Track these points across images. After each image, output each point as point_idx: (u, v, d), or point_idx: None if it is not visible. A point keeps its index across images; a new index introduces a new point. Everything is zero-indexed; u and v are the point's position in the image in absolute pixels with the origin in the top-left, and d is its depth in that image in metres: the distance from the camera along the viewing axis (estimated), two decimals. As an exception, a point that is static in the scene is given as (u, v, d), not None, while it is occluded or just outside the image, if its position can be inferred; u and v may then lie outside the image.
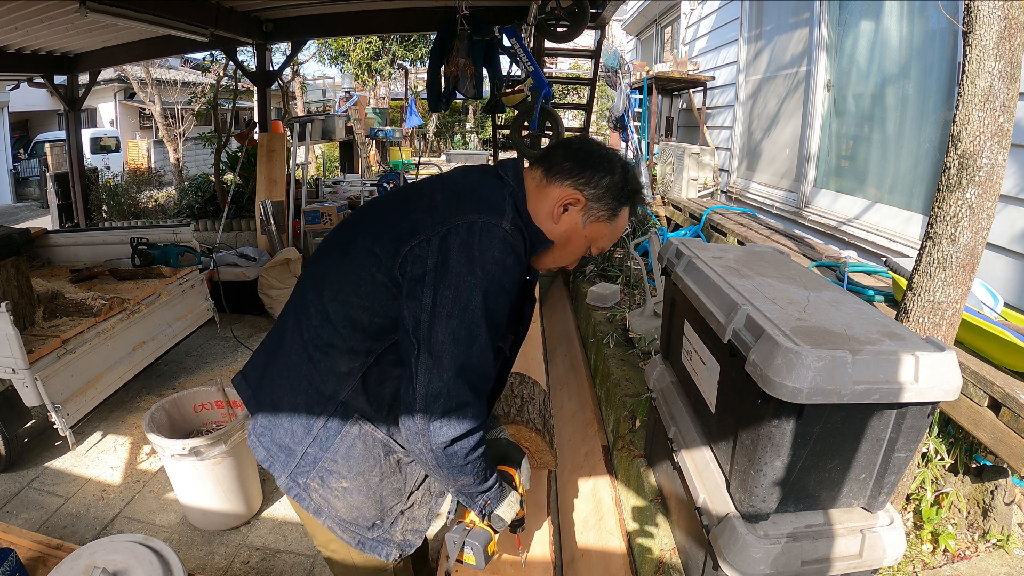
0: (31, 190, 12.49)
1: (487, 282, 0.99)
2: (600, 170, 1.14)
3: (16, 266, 2.94)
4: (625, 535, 1.83)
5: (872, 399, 1.02)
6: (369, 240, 1.10)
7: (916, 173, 2.89)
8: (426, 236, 1.03)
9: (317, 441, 1.13)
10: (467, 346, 0.98)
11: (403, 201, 1.14)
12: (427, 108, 12.35)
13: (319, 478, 1.14)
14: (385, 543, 1.19)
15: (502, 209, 1.06)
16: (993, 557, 1.58)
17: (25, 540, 1.56)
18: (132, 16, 3.93)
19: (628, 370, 2.67)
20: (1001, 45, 1.28)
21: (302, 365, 1.13)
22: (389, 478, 1.16)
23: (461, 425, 0.98)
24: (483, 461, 1.06)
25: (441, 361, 0.97)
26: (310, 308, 1.14)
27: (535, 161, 1.20)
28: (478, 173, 1.18)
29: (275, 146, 5.83)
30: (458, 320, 0.98)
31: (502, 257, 1.01)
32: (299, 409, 1.13)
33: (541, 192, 1.15)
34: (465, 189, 1.11)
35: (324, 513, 1.16)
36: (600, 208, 1.14)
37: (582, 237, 1.17)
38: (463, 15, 4.53)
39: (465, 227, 1.01)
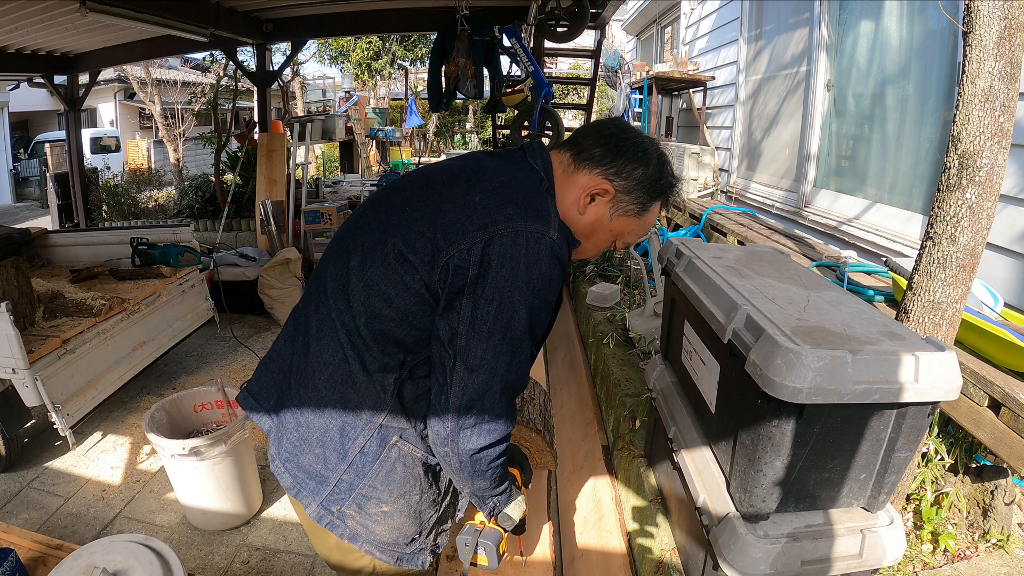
0: (31, 190, 12.50)
1: (532, 297, 0.93)
2: (633, 160, 1.04)
3: (16, 266, 2.94)
4: (625, 535, 1.83)
5: (872, 399, 1.02)
6: (400, 242, 0.99)
7: (916, 173, 2.89)
8: (466, 244, 0.93)
9: (353, 467, 1.06)
10: (507, 361, 0.94)
11: (432, 194, 1.02)
12: (427, 108, 12.36)
13: (356, 505, 1.08)
14: (421, 552, 1.17)
15: (548, 215, 0.97)
16: (993, 557, 1.58)
17: (25, 540, 1.56)
18: (132, 16, 3.93)
19: (628, 370, 2.67)
20: (1001, 45, 1.28)
21: (333, 387, 1.04)
22: (428, 492, 1.12)
23: (491, 435, 0.96)
24: (503, 467, 1.05)
25: (478, 375, 0.93)
26: (335, 323, 1.04)
27: (564, 143, 1.11)
28: (512, 165, 1.07)
29: (275, 146, 5.83)
30: (500, 336, 0.93)
31: (549, 271, 0.94)
32: (331, 434, 1.05)
33: (568, 178, 1.06)
34: (505, 188, 1.00)
35: (361, 538, 1.11)
36: (630, 201, 1.06)
37: (607, 230, 1.09)
38: (463, 15, 4.53)
39: (510, 237, 0.93)
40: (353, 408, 1.04)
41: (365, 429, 1.04)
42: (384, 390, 1.02)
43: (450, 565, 1.44)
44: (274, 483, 2.78)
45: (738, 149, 5.00)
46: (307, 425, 1.08)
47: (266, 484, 2.72)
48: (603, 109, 12.83)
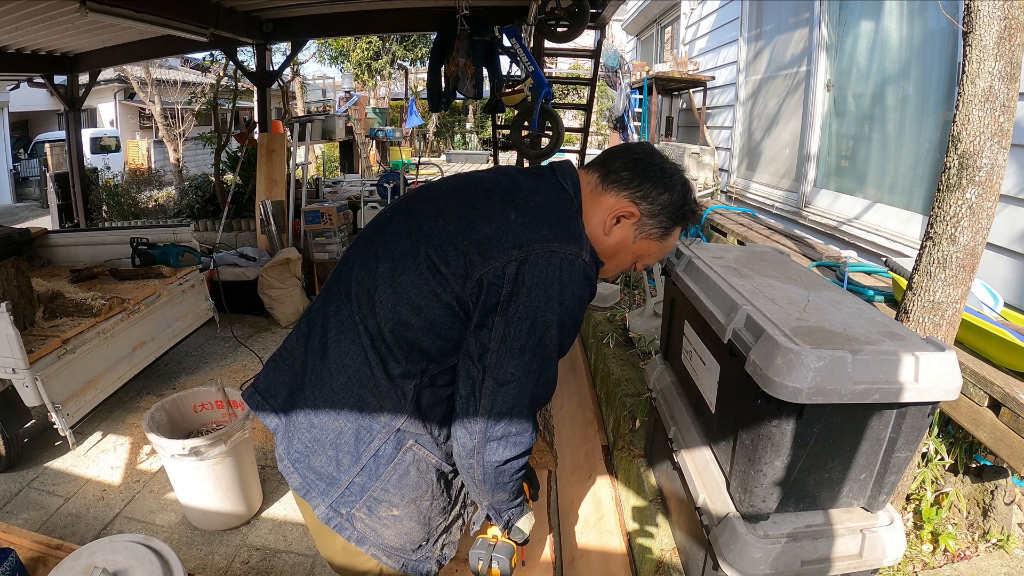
0: (31, 190, 12.49)
1: (564, 317, 0.96)
2: (660, 185, 1.07)
3: (16, 266, 2.94)
4: (625, 535, 1.83)
5: (872, 399, 1.02)
6: (432, 251, 0.99)
7: (916, 173, 2.89)
8: (501, 261, 0.95)
9: (366, 470, 1.06)
10: (536, 377, 0.97)
11: (466, 207, 1.03)
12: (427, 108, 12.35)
13: (366, 507, 1.08)
14: (427, 560, 1.17)
15: (581, 237, 1.00)
16: (993, 557, 1.58)
17: (25, 540, 1.56)
18: (132, 16, 3.93)
19: (628, 370, 2.67)
20: (1001, 45, 1.28)
21: (351, 390, 1.05)
22: (439, 499, 1.13)
23: (517, 448, 0.98)
24: (522, 480, 1.06)
25: (507, 390, 0.95)
26: (358, 326, 1.04)
27: (592, 163, 1.14)
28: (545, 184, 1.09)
29: (275, 146, 5.83)
30: (531, 355, 0.95)
31: (580, 292, 0.97)
32: (346, 436, 1.05)
33: (595, 199, 1.09)
34: (540, 207, 1.02)
35: (368, 541, 1.10)
36: (654, 225, 1.09)
37: (630, 252, 1.12)
38: (463, 15, 4.53)
39: (544, 257, 0.94)
40: (371, 411, 1.04)
41: (382, 432, 1.04)
42: (404, 395, 1.03)
43: (450, 565, 1.44)
44: (274, 483, 2.78)
45: (738, 149, 5.00)
46: (320, 426, 1.07)
47: (266, 484, 2.72)
48: (603, 109, 12.84)
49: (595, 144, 13.26)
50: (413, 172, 6.83)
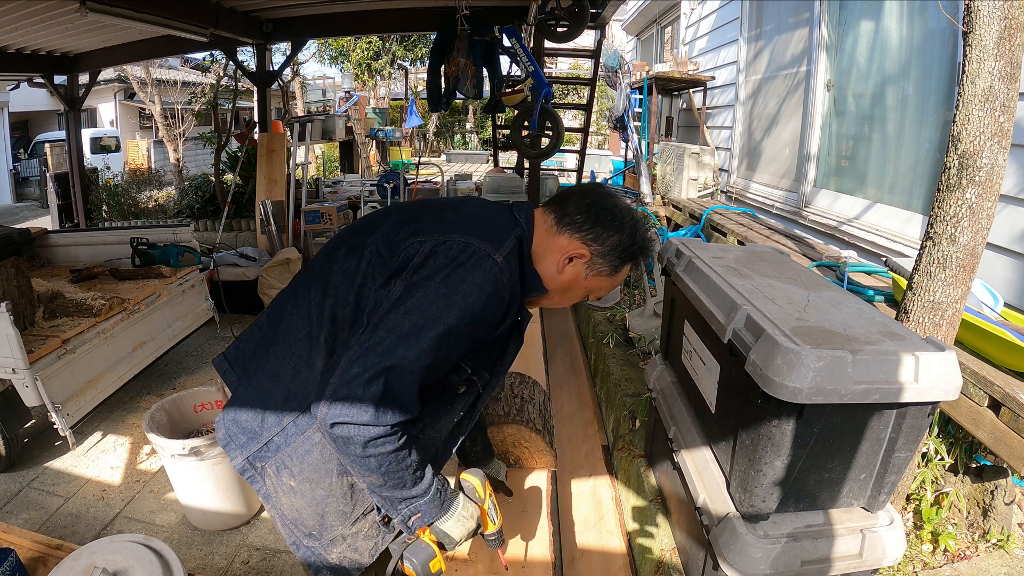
0: (31, 190, 12.48)
1: (459, 300, 0.99)
2: (610, 228, 1.15)
3: (16, 266, 2.94)
4: (625, 535, 1.83)
5: (872, 399, 1.02)
6: (379, 239, 1.12)
7: (916, 173, 2.89)
8: (421, 239, 1.06)
9: (284, 433, 1.12)
10: (406, 347, 0.95)
11: (418, 207, 1.19)
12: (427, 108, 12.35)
13: (274, 468, 1.14)
14: (318, 557, 1.16)
15: (501, 243, 1.08)
16: (993, 557, 1.58)
17: (25, 540, 1.56)
18: (132, 16, 3.92)
19: (628, 370, 2.67)
20: (1001, 45, 1.28)
21: (291, 358, 1.14)
22: (337, 498, 1.13)
23: (360, 414, 0.92)
24: (392, 462, 0.98)
25: (375, 347, 0.95)
26: (312, 303, 1.14)
27: (549, 203, 1.22)
28: (495, 208, 1.21)
29: (275, 146, 5.83)
30: (411, 319, 0.97)
31: (482, 283, 1.02)
32: (276, 398, 1.14)
33: (550, 238, 1.17)
34: (476, 216, 1.14)
35: (271, 501, 1.18)
36: (604, 264, 1.17)
37: (582, 287, 1.20)
38: (463, 15, 4.53)
39: (459, 245, 1.04)
40: (300, 381, 1.12)
41: (302, 402, 1.11)
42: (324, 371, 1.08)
43: (450, 565, 1.44)
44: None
45: (738, 149, 5.00)
46: (258, 386, 1.17)
47: (266, 484, 2.72)
48: (603, 109, 12.84)
49: (595, 144, 13.27)
50: (413, 172, 6.82)
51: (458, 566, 1.43)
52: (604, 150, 12.15)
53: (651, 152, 5.77)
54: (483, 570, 1.42)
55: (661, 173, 5.39)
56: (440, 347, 0.98)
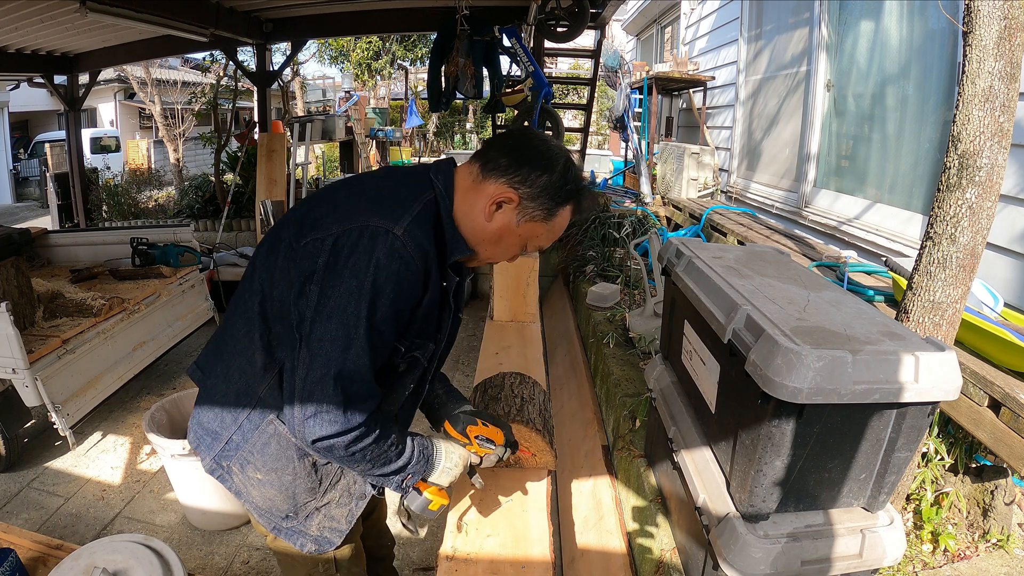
0: (31, 190, 12.49)
1: (370, 287, 0.98)
2: (538, 168, 1.09)
3: (16, 266, 2.94)
4: (625, 535, 1.83)
5: (872, 399, 1.02)
6: (288, 233, 1.11)
7: (916, 173, 2.89)
8: (321, 234, 1.03)
9: (241, 430, 1.15)
10: (342, 349, 0.98)
11: (320, 195, 1.16)
12: (427, 108, 12.35)
13: (239, 464, 1.17)
14: (300, 534, 1.21)
15: (400, 215, 1.04)
16: (993, 557, 1.58)
17: (25, 540, 1.56)
18: (132, 16, 3.93)
19: (628, 370, 2.67)
20: (1001, 45, 1.28)
21: (237, 357, 1.16)
22: (303, 479, 1.17)
23: (333, 426, 0.98)
24: (375, 450, 1.06)
25: (316, 359, 0.98)
26: (246, 300, 1.16)
27: (474, 155, 1.16)
28: (404, 175, 1.16)
29: (275, 146, 5.83)
30: (336, 322, 0.98)
31: (387, 263, 0.99)
32: (229, 398, 1.16)
33: (476, 189, 1.12)
34: (374, 191, 1.11)
35: (243, 496, 1.20)
36: (535, 208, 1.11)
37: (515, 235, 1.14)
38: (463, 15, 4.53)
39: (357, 231, 1.01)
40: (246, 378, 1.14)
41: (250, 398, 1.14)
42: (266, 368, 1.11)
43: (450, 564, 1.44)
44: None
45: (738, 149, 5.00)
46: (214, 388, 1.20)
47: (266, 484, 2.72)
48: (603, 109, 12.83)
49: (595, 144, 13.26)
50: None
51: (458, 566, 1.43)
52: (604, 150, 12.15)
53: (651, 152, 5.77)
54: (483, 570, 1.42)
55: (661, 173, 5.39)
56: (372, 337, 1.00)
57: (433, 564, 2.10)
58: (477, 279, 5.57)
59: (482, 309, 5.26)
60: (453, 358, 4.21)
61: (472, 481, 1.36)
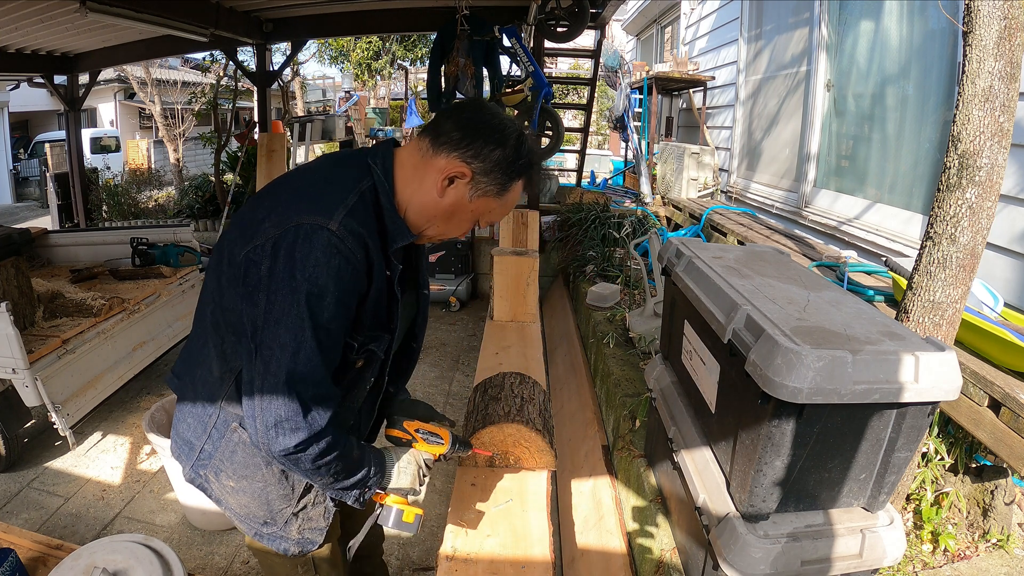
0: (31, 190, 12.48)
1: (309, 286, 0.96)
2: (491, 142, 1.06)
3: (16, 266, 2.94)
4: (625, 535, 1.83)
5: (872, 399, 1.02)
6: (231, 239, 1.09)
7: (916, 173, 2.89)
8: (262, 240, 1.01)
9: (211, 439, 1.15)
10: (292, 352, 0.96)
11: (262, 195, 1.13)
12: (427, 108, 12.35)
13: (213, 473, 1.18)
14: (281, 539, 1.21)
15: (333, 208, 1.00)
16: (993, 557, 1.58)
17: (25, 540, 1.56)
18: (132, 16, 3.92)
19: (628, 370, 2.67)
20: (1001, 45, 1.28)
21: (199, 367, 1.16)
22: (274, 486, 1.16)
23: (295, 435, 0.97)
24: (338, 463, 1.05)
25: (270, 366, 0.96)
26: (202, 311, 1.16)
27: (424, 129, 1.12)
28: (341, 163, 1.13)
29: (275, 146, 5.83)
30: (284, 327, 0.96)
31: (326, 260, 0.97)
32: (197, 407, 1.16)
33: (426, 163, 1.09)
34: (309, 185, 1.08)
35: (223, 504, 1.21)
36: (488, 183, 1.08)
37: (468, 211, 1.12)
38: (463, 15, 4.53)
39: (293, 231, 0.98)
40: (208, 387, 1.14)
41: (214, 409, 1.14)
42: (222, 377, 1.11)
43: (450, 564, 1.44)
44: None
45: (738, 149, 5.00)
46: (184, 397, 1.20)
47: (266, 484, 2.72)
48: (603, 109, 12.82)
49: (595, 144, 13.26)
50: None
51: (458, 566, 1.43)
52: (604, 150, 12.15)
53: (651, 152, 5.77)
54: (483, 570, 1.42)
55: (661, 173, 5.39)
56: (321, 338, 0.98)
57: (433, 564, 2.09)
58: (477, 279, 5.57)
59: (482, 309, 5.26)
60: (452, 358, 4.20)
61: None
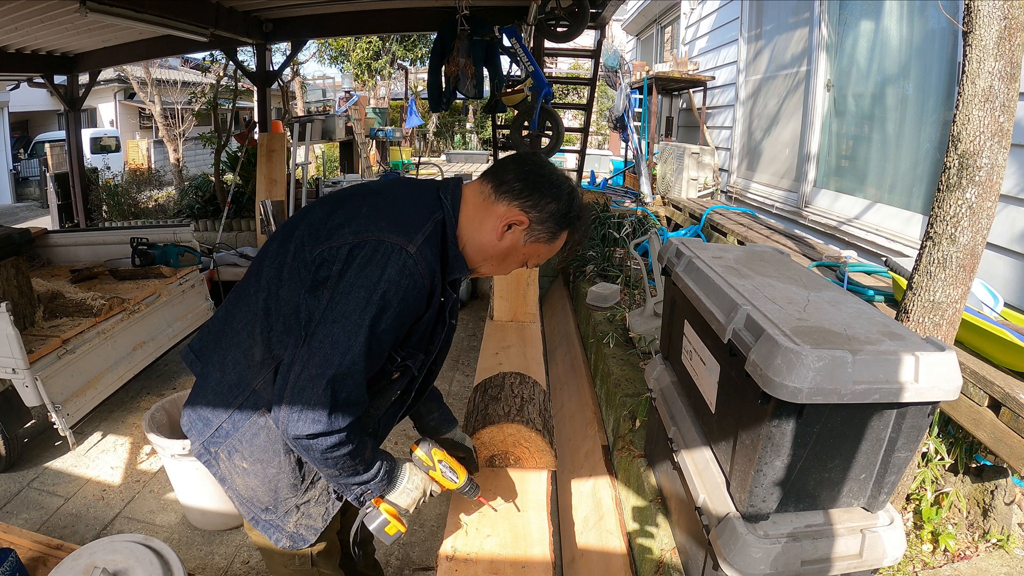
0: (31, 190, 12.48)
1: (378, 300, 1.04)
2: (548, 195, 1.18)
3: (16, 266, 2.94)
4: (625, 535, 1.83)
5: (872, 399, 1.02)
6: (302, 234, 1.15)
7: (916, 173, 2.89)
8: (338, 243, 1.09)
9: (232, 419, 1.19)
10: (341, 353, 1.02)
11: (337, 202, 1.20)
12: (427, 108, 12.36)
13: (227, 451, 1.21)
14: (276, 528, 1.25)
15: (413, 233, 1.10)
16: (993, 557, 1.58)
17: (25, 540, 1.56)
18: (132, 16, 3.92)
19: (628, 370, 2.67)
20: (1001, 45, 1.28)
21: (233, 348, 1.20)
22: (287, 474, 1.21)
23: (316, 426, 1.02)
24: (348, 459, 1.10)
25: (314, 358, 1.03)
26: (251, 294, 1.20)
27: (486, 174, 1.24)
28: (416, 190, 1.22)
29: (275, 146, 5.83)
30: (340, 326, 1.03)
31: (398, 279, 1.05)
32: (223, 387, 1.20)
33: (487, 207, 1.19)
34: (390, 205, 1.16)
35: (227, 483, 1.24)
36: (542, 231, 1.20)
37: (520, 253, 1.23)
38: (463, 15, 4.53)
39: (372, 244, 1.07)
40: (240, 369, 1.18)
41: (244, 389, 1.18)
42: (263, 362, 1.15)
43: (450, 565, 1.44)
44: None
45: (738, 149, 5.00)
46: (209, 376, 1.23)
47: (266, 484, 2.72)
48: (603, 109, 12.83)
49: (595, 144, 13.26)
50: (413, 172, 6.82)
51: (458, 566, 1.43)
52: (604, 150, 12.15)
53: (651, 152, 5.77)
54: (483, 570, 1.42)
55: (661, 173, 5.39)
56: (372, 346, 1.05)
57: (433, 564, 2.09)
58: (477, 279, 5.58)
59: (482, 309, 5.26)
60: (452, 358, 4.21)
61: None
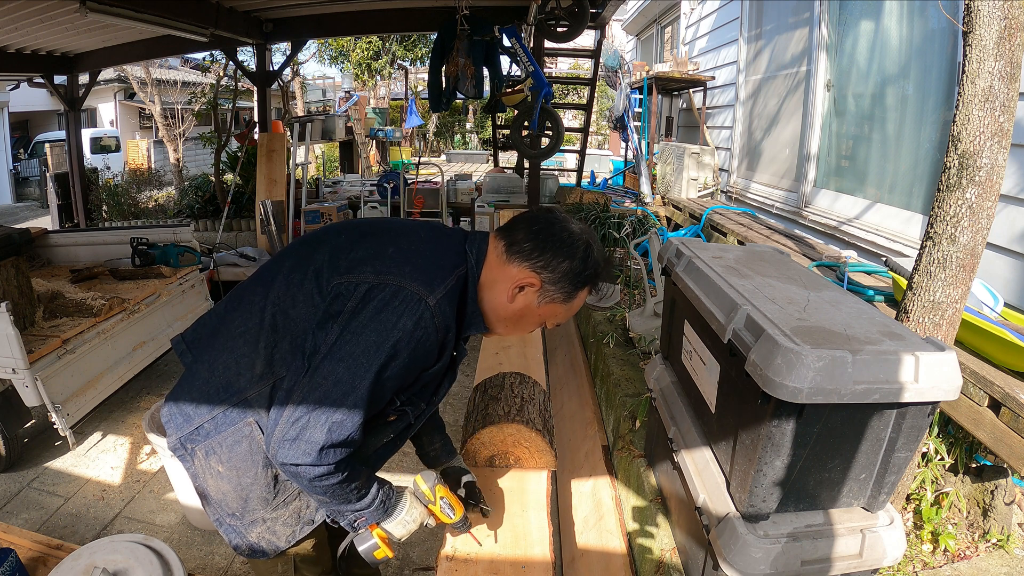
0: (31, 190, 12.48)
1: (389, 347, 1.02)
2: (560, 254, 1.13)
3: (16, 266, 2.94)
4: (625, 535, 1.83)
5: (872, 399, 1.02)
6: (323, 258, 1.13)
7: (916, 173, 2.89)
8: (357, 279, 1.07)
9: (215, 421, 1.16)
10: (343, 394, 1.01)
11: (363, 234, 1.19)
12: (427, 108, 12.35)
13: (204, 451, 1.19)
14: (237, 534, 1.23)
15: (437, 285, 1.08)
16: (993, 557, 1.58)
17: (25, 540, 1.56)
18: (132, 16, 3.93)
19: (628, 370, 2.67)
20: (1001, 45, 1.28)
21: (227, 352, 1.17)
22: (261, 487, 1.19)
23: (305, 458, 1.01)
24: (339, 488, 1.09)
25: (314, 393, 1.01)
26: (255, 303, 1.17)
27: (500, 231, 1.21)
28: (444, 239, 1.19)
29: (275, 146, 5.83)
30: (345, 366, 1.01)
31: (412, 329, 1.03)
32: (210, 388, 1.17)
33: (500, 267, 1.16)
34: (418, 252, 1.14)
35: (198, 481, 1.22)
36: (556, 291, 1.15)
37: (535, 315, 1.19)
38: (463, 15, 4.53)
39: (392, 289, 1.05)
40: (231, 374, 1.15)
41: (234, 395, 1.15)
42: (262, 377, 1.13)
43: (450, 565, 1.44)
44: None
45: (738, 149, 5.00)
46: (198, 373, 1.20)
47: (266, 484, 2.72)
48: (603, 109, 12.83)
49: (595, 144, 13.26)
50: (413, 172, 6.82)
51: (458, 566, 1.43)
52: (604, 150, 12.16)
53: (651, 152, 5.77)
54: (483, 570, 1.42)
55: (661, 173, 5.39)
56: (375, 391, 1.04)
57: (433, 564, 2.09)
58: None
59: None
60: (453, 358, 4.20)
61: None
